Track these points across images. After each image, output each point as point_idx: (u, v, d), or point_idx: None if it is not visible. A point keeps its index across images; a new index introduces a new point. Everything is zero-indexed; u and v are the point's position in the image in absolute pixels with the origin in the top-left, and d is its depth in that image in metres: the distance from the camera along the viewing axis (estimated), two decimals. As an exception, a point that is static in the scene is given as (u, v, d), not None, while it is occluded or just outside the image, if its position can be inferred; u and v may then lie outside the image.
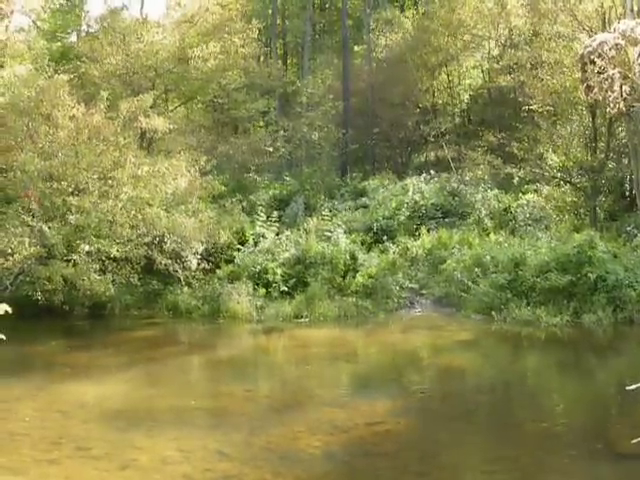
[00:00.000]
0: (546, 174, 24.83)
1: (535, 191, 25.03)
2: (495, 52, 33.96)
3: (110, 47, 27.02)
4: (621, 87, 2.25)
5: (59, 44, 33.28)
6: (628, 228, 21.01)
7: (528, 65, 28.61)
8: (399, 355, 15.14)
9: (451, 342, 16.51)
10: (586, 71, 2.34)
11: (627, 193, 23.67)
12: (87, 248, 17.51)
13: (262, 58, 39.62)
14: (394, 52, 36.40)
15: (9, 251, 16.60)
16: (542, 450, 8.08)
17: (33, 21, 33.24)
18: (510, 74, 30.20)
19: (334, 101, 32.51)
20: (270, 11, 42.29)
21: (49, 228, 17.38)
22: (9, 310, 3.73)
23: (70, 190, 18.04)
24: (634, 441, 5.72)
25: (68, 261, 17.45)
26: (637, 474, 7.42)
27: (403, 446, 8.37)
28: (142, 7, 66.50)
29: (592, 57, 2.28)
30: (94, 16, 34.34)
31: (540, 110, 25.21)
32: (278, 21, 43.28)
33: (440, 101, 37.54)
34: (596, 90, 2.34)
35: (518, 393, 11.60)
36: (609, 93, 2.30)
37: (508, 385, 12.27)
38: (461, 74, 37.37)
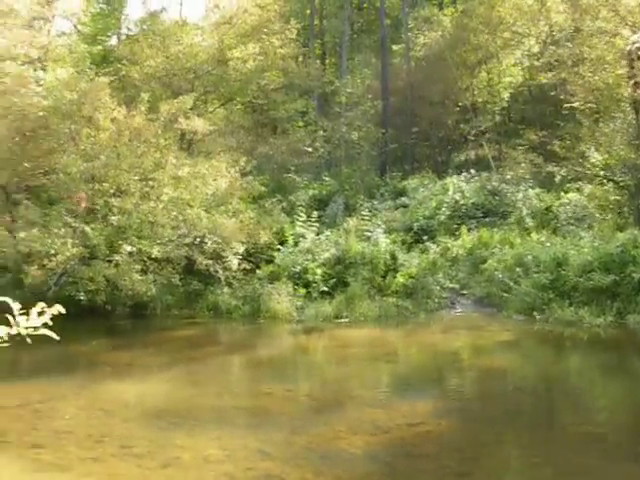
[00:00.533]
0: (588, 172, 24.49)
1: (577, 190, 24.72)
2: (535, 49, 33.59)
3: (150, 49, 27.28)
4: (669, 82, 2.19)
5: (100, 47, 33.66)
6: (673, 227, 20.62)
7: (569, 62, 28.22)
8: (439, 356, 15.06)
9: (492, 343, 16.37)
10: (633, 67, 2.27)
11: (671, 191, 23.22)
12: (129, 249, 17.69)
13: (301, 58, 39.66)
14: (433, 50, 36.20)
15: (52, 252, 16.84)
16: (584, 453, 7.97)
17: (74, 25, 33.67)
18: (551, 71, 29.84)
19: (373, 100, 32.49)
20: (308, 11, 42.34)
21: (91, 229, 17.61)
22: (62, 310, 3.78)
23: (112, 191, 18.25)
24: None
25: (110, 262, 17.66)
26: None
27: (444, 447, 8.31)
28: (181, 9, 67.13)
29: (639, 53, 2.21)
30: (134, 19, 34.83)
31: (582, 107, 24.86)
32: (316, 21, 43.28)
33: (480, 99, 37.23)
34: (644, 86, 2.28)
35: (560, 395, 11.45)
36: (656, 89, 2.23)
37: (550, 387, 12.13)
38: (501, 72, 37.01)
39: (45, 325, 3.83)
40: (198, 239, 18.95)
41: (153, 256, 17.92)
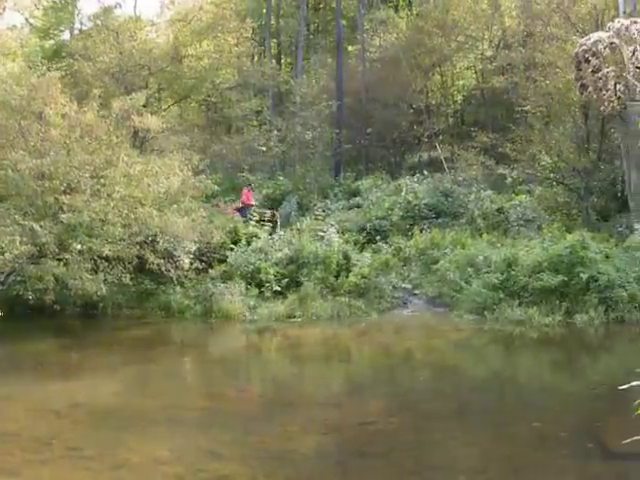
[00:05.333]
0: (539, 175, 24.90)
1: (528, 192, 25.08)
2: (489, 53, 34.03)
3: (103, 45, 26.98)
4: (615, 86, 2.26)
5: (52, 42, 33.21)
6: (620, 229, 21.07)
7: (521, 66, 28.71)
8: (392, 355, 15.14)
9: (444, 342, 16.53)
10: (581, 70, 2.34)
11: (619, 194, 23.73)
12: (79, 247, 17.40)
13: (256, 57, 39.67)
14: (388, 52, 36.41)
15: (0, 250, 16.50)
16: (535, 449, 8.08)
17: (25, 18, 33.18)
18: (503, 75, 30.30)
19: (328, 101, 32.49)
20: (264, 10, 42.23)
21: (40, 227, 17.29)
22: (-1, 313, 3.71)
23: (62, 189, 17.95)
24: (625, 442, 5.73)
25: (60, 260, 17.35)
26: (628, 473, 7.43)
27: (396, 446, 8.35)
28: (135, 5, 66.44)
29: (587, 56, 2.28)
30: (87, 14, 34.36)
31: (533, 111, 25.29)
32: (272, 20, 43.20)
33: (434, 102, 37.63)
34: (590, 89, 2.35)
35: (510, 392, 11.59)
36: (603, 92, 2.31)
37: (500, 384, 12.27)
38: (455, 75, 37.47)
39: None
40: (150, 238, 18.74)
41: (104, 255, 17.65)
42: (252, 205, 25.01)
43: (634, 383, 2.57)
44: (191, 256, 19.22)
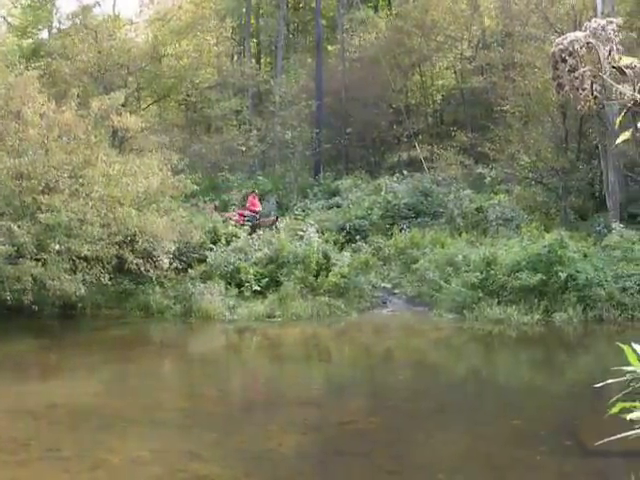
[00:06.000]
0: (517, 174, 25.04)
1: (507, 191, 25.21)
2: (468, 53, 34.18)
3: (82, 44, 26.81)
4: (591, 85, 2.28)
5: (30, 41, 32.97)
6: (598, 228, 21.25)
7: (500, 66, 28.87)
8: (372, 354, 15.18)
9: (423, 341, 16.59)
10: (557, 69, 2.36)
11: (597, 193, 23.94)
12: (57, 247, 17.27)
13: (235, 57, 39.63)
14: (368, 52, 36.46)
15: (-23, 250, 16.36)
16: (513, 447, 8.14)
17: (3, 17, 32.90)
18: (482, 75, 30.48)
19: (307, 100, 32.47)
20: (244, 9, 42.14)
21: (18, 227, 17.16)
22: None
23: (40, 188, 17.82)
24: (598, 443, 5.80)
25: (38, 260, 17.22)
26: (605, 471, 7.50)
27: (375, 445, 8.37)
28: (114, 4, 65.94)
29: (563, 55, 2.30)
30: (66, 12, 34.13)
31: (512, 111, 25.43)
32: (252, 20, 43.13)
33: (413, 101, 37.75)
34: (567, 88, 2.37)
35: (489, 391, 11.66)
36: (579, 91, 2.33)
37: (480, 383, 12.34)
38: (434, 75, 37.56)
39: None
40: (129, 238, 18.64)
41: (82, 255, 17.54)
42: (258, 211, 24.90)
43: (609, 381, 2.60)
44: (170, 256, 19.14)
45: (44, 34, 35.20)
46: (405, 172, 29.25)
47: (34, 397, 10.76)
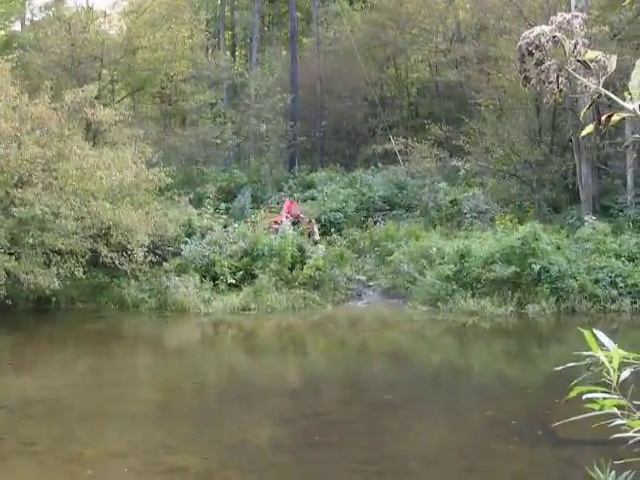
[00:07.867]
0: (491, 167, 25.18)
1: (481, 184, 25.35)
2: (442, 46, 34.23)
3: (55, 36, 26.56)
4: (557, 79, 2.31)
5: (2, 32, 32.61)
6: (570, 220, 21.48)
7: (475, 59, 29.01)
8: (346, 346, 15.26)
9: (397, 333, 16.70)
10: (524, 62, 2.39)
11: (570, 186, 24.13)
12: (31, 241, 17.16)
13: (210, 49, 39.36)
14: (343, 45, 36.44)
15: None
16: (486, 437, 8.24)
17: (-26, 9, 32.47)
18: (457, 68, 30.58)
19: (282, 93, 32.41)
20: (219, 1, 41.95)
21: (-9, 220, 17.02)
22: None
23: (13, 182, 17.68)
24: (556, 424, 5.94)
25: (11, 254, 17.10)
26: (575, 459, 7.62)
27: (349, 436, 8.44)
28: (88, -4, 65.32)
29: (530, 48, 2.33)
30: (38, 4, 33.73)
31: (486, 104, 25.55)
32: (227, 12, 42.94)
33: (388, 94, 37.80)
34: (534, 81, 2.40)
35: (463, 382, 11.78)
36: (546, 84, 2.37)
37: (453, 374, 12.46)
38: (409, 68, 37.64)
39: None
40: (103, 231, 18.56)
41: (56, 249, 17.45)
42: (301, 217, 23.67)
43: (569, 364, 2.66)
44: (145, 249, 19.05)
45: (17, 26, 34.87)
46: (380, 165, 29.37)
47: (8, 392, 10.72)
